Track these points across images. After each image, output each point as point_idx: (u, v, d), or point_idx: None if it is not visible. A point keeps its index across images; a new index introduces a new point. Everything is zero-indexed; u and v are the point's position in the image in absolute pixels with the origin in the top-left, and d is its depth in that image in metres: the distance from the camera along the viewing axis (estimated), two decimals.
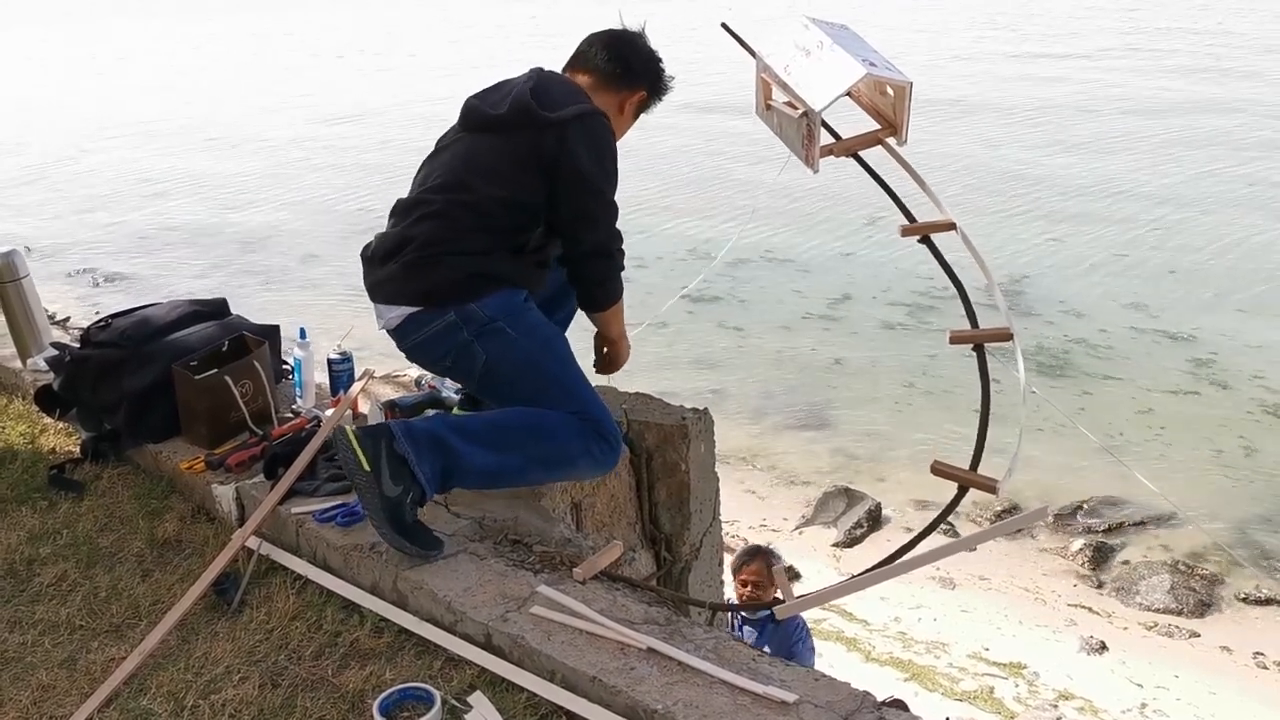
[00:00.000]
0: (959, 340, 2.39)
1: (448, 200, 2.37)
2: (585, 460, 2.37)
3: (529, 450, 2.32)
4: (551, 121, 2.30)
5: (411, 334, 2.39)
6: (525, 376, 2.38)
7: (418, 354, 2.47)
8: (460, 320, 2.34)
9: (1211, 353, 8.70)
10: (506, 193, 2.34)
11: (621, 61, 2.51)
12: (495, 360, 2.36)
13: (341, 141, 17.84)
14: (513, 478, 2.38)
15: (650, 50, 2.57)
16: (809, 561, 6.45)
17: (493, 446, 2.29)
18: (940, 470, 2.25)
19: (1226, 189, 12.97)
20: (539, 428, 2.33)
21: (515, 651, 2.00)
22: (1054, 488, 6.91)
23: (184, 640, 2.18)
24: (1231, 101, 17.65)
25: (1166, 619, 5.88)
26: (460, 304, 2.33)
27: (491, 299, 2.35)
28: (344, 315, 8.62)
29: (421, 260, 2.34)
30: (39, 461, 2.98)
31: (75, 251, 12.48)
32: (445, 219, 2.35)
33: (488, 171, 2.36)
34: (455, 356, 2.39)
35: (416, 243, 2.35)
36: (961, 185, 12.47)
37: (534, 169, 2.33)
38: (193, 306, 3.12)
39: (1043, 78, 20.48)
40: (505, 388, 2.42)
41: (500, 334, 2.35)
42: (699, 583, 3.05)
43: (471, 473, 2.29)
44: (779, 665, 1.92)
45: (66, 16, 40.75)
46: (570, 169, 2.33)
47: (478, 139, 2.41)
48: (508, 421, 2.36)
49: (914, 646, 5.74)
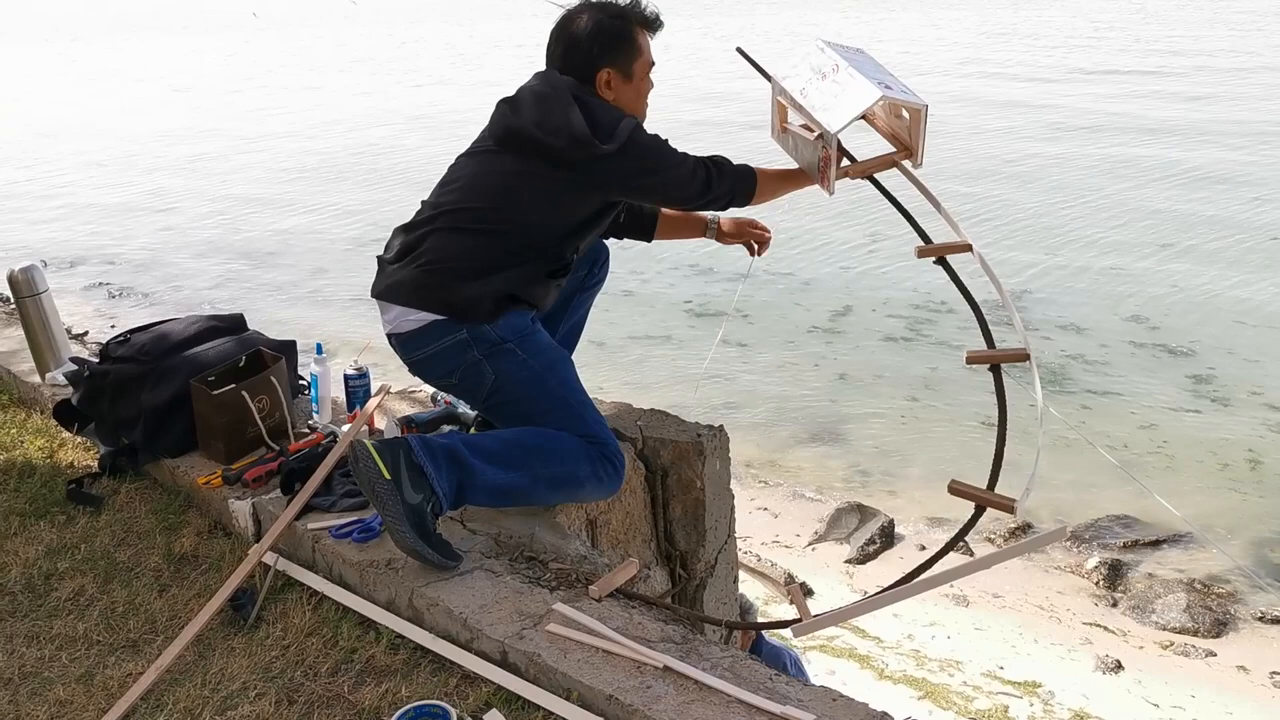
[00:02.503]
0: (976, 360, 2.38)
1: (476, 213, 2.38)
2: (592, 483, 2.39)
3: (537, 470, 2.33)
4: (607, 153, 2.31)
5: (419, 347, 2.40)
6: (532, 398, 2.40)
7: (423, 368, 2.47)
8: (471, 339, 2.36)
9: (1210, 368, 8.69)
10: (539, 215, 2.37)
11: (572, 55, 2.45)
12: (504, 381, 2.38)
13: (355, 154, 17.93)
14: (521, 496, 2.39)
15: (587, 26, 2.44)
16: (822, 578, 6.42)
17: (504, 465, 2.30)
18: (958, 490, 2.24)
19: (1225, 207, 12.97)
20: (548, 449, 2.35)
21: (531, 669, 1.99)
22: (1067, 505, 6.87)
23: (200, 656, 2.19)
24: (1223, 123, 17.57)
25: (1183, 638, 5.82)
26: (476, 324, 2.35)
27: (504, 320, 2.37)
28: (361, 331, 8.64)
29: (444, 272, 2.35)
30: (57, 476, 2.99)
31: (91, 264, 12.57)
32: (470, 234, 2.37)
33: (523, 192, 2.37)
34: (463, 374, 2.40)
35: (437, 254, 2.36)
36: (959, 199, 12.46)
37: (580, 189, 2.37)
38: (210, 322, 3.13)
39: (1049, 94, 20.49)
40: (511, 408, 2.44)
41: (510, 355, 2.37)
42: (714, 600, 3.04)
43: (483, 490, 2.30)
44: (796, 685, 1.92)
45: (75, 38, 41.18)
46: (635, 185, 2.41)
47: (515, 159, 2.38)
48: (519, 440, 2.37)
49: (928, 664, 5.71)
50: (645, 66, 2.51)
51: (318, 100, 23.73)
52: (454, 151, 2.53)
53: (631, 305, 10.32)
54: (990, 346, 2.43)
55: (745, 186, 2.53)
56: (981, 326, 2.48)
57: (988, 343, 2.45)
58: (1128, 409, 8.15)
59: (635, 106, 2.49)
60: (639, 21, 2.49)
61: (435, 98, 23.25)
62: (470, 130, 2.58)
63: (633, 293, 10.59)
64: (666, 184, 2.42)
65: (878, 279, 10.97)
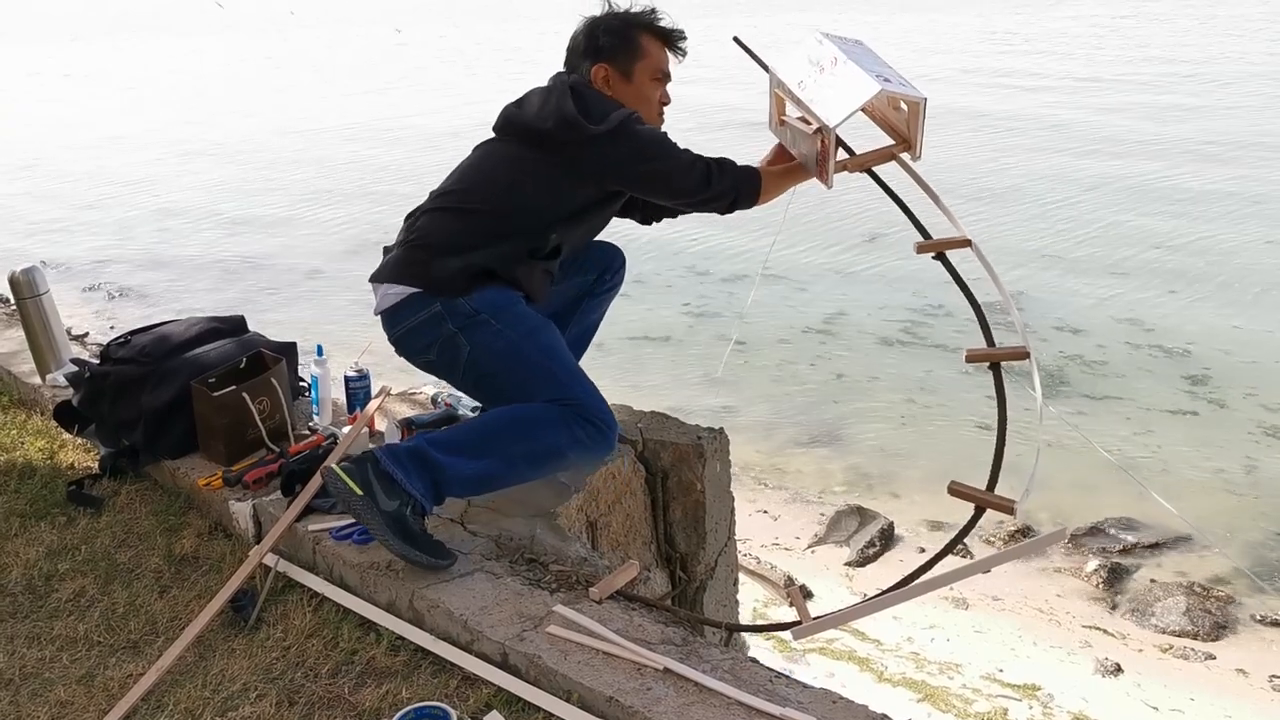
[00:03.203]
0: (975, 359, 2.37)
1: (463, 195, 2.44)
2: (575, 449, 2.34)
3: (511, 450, 2.31)
4: (595, 135, 2.34)
5: (398, 322, 2.43)
6: (507, 367, 2.38)
7: (403, 345, 2.49)
8: (445, 312, 2.37)
9: (1205, 368, 8.71)
10: (527, 198, 2.40)
11: (573, 55, 2.56)
12: (479, 353, 2.37)
13: (354, 158, 17.94)
14: (500, 480, 2.37)
15: (589, 24, 2.54)
16: (821, 581, 6.41)
17: (473, 454, 2.30)
18: (957, 491, 2.24)
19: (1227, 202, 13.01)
20: (517, 427, 2.32)
21: (531, 671, 2.00)
22: (1067, 506, 6.87)
23: (201, 657, 2.19)
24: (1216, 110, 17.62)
25: (1182, 641, 5.82)
26: (450, 298, 2.37)
27: (480, 294, 2.38)
28: (361, 333, 8.65)
29: (424, 247, 2.40)
30: (58, 477, 3.00)
31: (91, 266, 12.57)
32: (455, 214, 2.43)
33: (513, 175, 2.41)
34: (440, 348, 2.41)
35: (422, 232, 2.43)
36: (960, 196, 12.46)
37: (575, 176, 2.39)
38: (211, 323, 3.14)
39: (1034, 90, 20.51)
40: (489, 380, 2.43)
41: (484, 326, 2.37)
42: (714, 602, 3.04)
43: (458, 482, 2.30)
44: (796, 686, 1.92)
45: (74, 38, 41.19)
46: (628, 171, 2.42)
47: (511, 145, 2.46)
48: (484, 427, 2.36)
49: (927, 667, 5.70)
50: (650, 71, 2.53)
51: (325, 104, 23.74)
52: (456, 152, 2.56)
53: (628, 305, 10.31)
54: (990, 345, 2.43)
55: (750, 186, 2.53)
56: (981, 324, 2.46)
57: (987, 341, 2.44)
58: (1125, 411, 8.16)
59: (639, 109, 2.50)
60: (644, 25, 2.53)
61: (443, 103, 23.26)
62: (471, 135, 2.61)
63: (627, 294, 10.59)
64: (664, 173, 2.42)
65: (875, 278, 10.99)
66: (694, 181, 2.45)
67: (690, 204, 2.51)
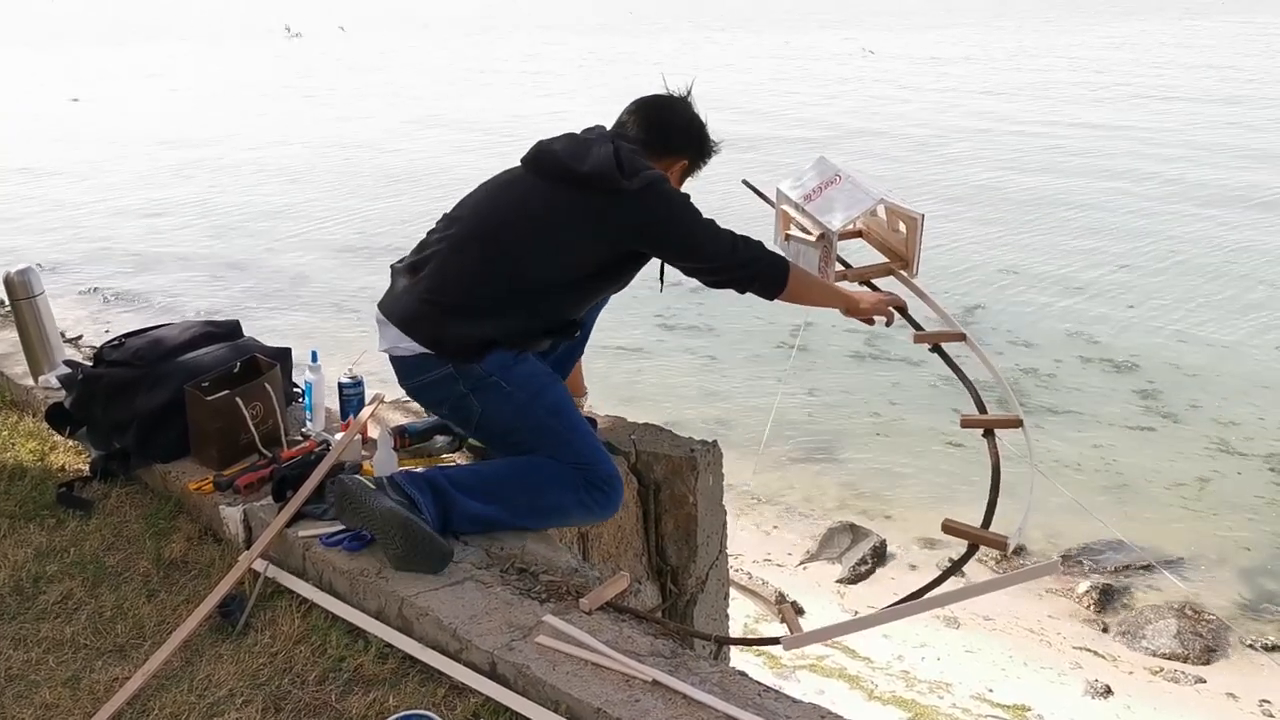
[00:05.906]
0: (970, 425, 2.51)
1: (484, 241, 2.43)
2: (579, 511, 2.45)
3: (519, 501, 2.41)
4: (628, 190, 2.34)
5: (411, 375, 2.51)
6: (518, 429, 2.47)
7: (416, 395, 2.61)
8: (457, 374, 2.43)
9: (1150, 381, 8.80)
10: (548, 252, 2.40)
11: (658, 131, 2.54)
12: (490, 413, 2.46)
13: (350, 164, 17.95)
14: (505, 526, 2.46)
15: (689, 117, 2.59)
16: (813, 597, 6.40)
17: (484, 497, 2.39)
18: (951, 529, 2.30)
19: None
20: (529, 480, 2.42)
21: (520, 681, 1.99)
22: (1059, 529, 6.87)
23: (188, 662, 2.18)
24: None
25: (1172, 664, 5.81)
26: (463, 362, 2.42)
27: (490, 357, 2.43)
28: (356, 340, 8.63)
29: (437, 305, 2.42)
30: (48, 479, 2.98)
31: (86, 268, 12.54)
32: (472, 264, 2.42)
33: (539, 223, 2.40)
34: (452, 406, 2.50)
35: (435, 283, 2.43)
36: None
37: (599, 232, 2.39)
38: (205, 327, 3.13)
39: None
40: (500, 438, 2.53)
41: (495, 388, 2.43)
42: (704, 616, 3.04)
43: (465, 518, 2.39)
44: (785, 701, 1.91)
45: (69, 40, 41.26)
46: (655, 231, 2.41)
47: (539, 183, 2.44)
48: (499, 474, 2.46)
49: (917, 686, 5.69)
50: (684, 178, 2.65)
51: (324, 105, 23.77)
52: (454, 152, 2.56)
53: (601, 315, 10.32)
54: (982, 413, 2.56)
55: (775, 272, 2.48)
56: (975, 400, 2.61)
57: (979, 409, 2.58)
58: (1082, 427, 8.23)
59: None
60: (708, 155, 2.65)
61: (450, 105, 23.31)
62: (472, 136, 2.61)
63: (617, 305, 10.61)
64: (689, 237, 2.42)
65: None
66: (718, 248, 2.43)
67: (710, 270, 2.47)
